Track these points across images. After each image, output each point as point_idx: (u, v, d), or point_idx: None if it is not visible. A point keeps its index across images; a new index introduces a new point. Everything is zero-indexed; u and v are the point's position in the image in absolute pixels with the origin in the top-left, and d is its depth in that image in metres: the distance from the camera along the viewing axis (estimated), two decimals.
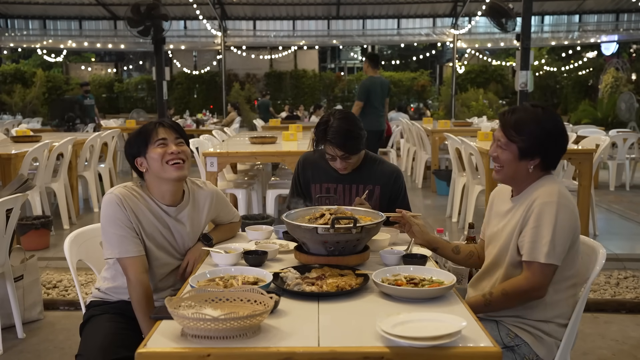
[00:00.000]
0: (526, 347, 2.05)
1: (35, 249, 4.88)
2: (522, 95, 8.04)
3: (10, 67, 21.06)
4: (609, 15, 17.70)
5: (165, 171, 2.24)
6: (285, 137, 6.01)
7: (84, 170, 6.60)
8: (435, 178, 7.78)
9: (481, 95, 14.70)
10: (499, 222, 2.20)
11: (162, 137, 2.26)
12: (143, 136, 2.27)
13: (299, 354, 1.47)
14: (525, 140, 2.07)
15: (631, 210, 6.70)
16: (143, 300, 2.15)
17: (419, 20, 18.16)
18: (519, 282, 2.03)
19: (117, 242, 2.17)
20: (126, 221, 2.19)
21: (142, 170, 2.29)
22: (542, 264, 1.97)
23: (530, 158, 2.09)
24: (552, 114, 2.12)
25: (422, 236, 2.26)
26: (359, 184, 2.76)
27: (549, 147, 2.09)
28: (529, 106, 2.14)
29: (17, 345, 3.40)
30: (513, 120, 2.10)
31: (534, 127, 2.07)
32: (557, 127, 2.09)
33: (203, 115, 14.81)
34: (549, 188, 2.05)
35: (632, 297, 4.09)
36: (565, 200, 2.02)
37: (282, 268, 2.04)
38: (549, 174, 2.15)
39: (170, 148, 2.26)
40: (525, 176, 2.12)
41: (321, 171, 2.83)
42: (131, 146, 2.30)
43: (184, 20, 18.32)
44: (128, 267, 2.18)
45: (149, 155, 2.25)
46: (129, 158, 2.32)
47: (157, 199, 2.30)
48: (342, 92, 21.66)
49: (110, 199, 2.20)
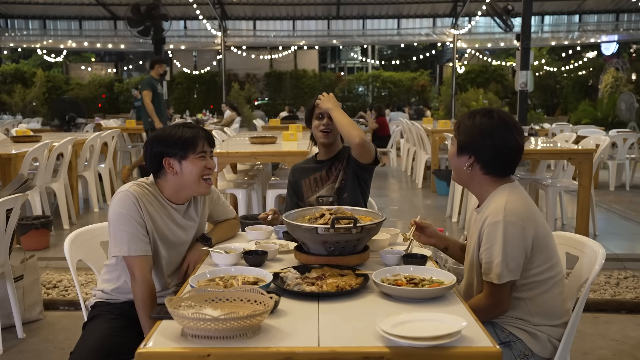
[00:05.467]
0: (521, 343, 2.06)
1: (35, 249, 4.88)
2: (522, 95, 8.06)
3: (10, 67, 21.08)
4: (609, 15, 17.73)
5: (199, 186, 2.28)
6: (285, 137, 6.00)
7: (84, 170, 6.60)
8: (435, 178, 7.78)
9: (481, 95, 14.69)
10: (471, 233, 2.22)
11: (204, 150, 2.28)
12: (188, 142, 2.24)
13: (299, 354, 1.47)
14: (460, 135, 2.12)
15: (631, 210, 6.70)
16: (148, 299, 2.16)
17: (419, 20, 18.19)
18: (480, 301, 2.08)
19: (128, 239, 2.17)
20: (139, 220, 2.19)
21: (168, 171, 2.26)
22: (496, 284, 2.01)
23: (465, 155, 2.11)
24: (492, 117, 2.08)
25: (436, 236, 2.36)
26: (335, 163, 3.02)
27: (481, 145, 2.08)
28: (479, 109, 2.17)
29: (17, 345, 3.40)
30: (460, 117, 2.19)
31: (467, 122, 2.11)
32: (490, 129, 2.07)
33: (203, 115, 14.81)
34: (497, 204, 2.04)
35: (632, 297, 4.09)
36: (512, 217, 2.00)
37: (282, 268, 2.04)
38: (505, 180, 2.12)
39: (209, 163, 2.29)
40: (468, 177, 2.14)
41: (307, 169, 3.12)
42: (167, 145, 2.25)
43: (184, 20, 18.35)
44: (135, 265, 2.17)
45: (186, 163, 2.24)
46: (155, 151, 2.26)
47: (167, 198, 2.31)
48: (342, 92, 21.66)
49: (126, 196, 2.19)
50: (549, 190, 5.42)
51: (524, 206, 2.06)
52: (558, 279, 2.12)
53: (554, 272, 2.10)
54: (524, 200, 2.08)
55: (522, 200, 2.08)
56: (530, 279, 2.07)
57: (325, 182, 3.01)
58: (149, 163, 2.31)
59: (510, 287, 2.05)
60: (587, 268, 2.18)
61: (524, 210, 2.04)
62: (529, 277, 2.06)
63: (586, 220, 5.19)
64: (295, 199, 3.11)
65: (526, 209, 2.05)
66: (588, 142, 5.93)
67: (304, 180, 3.07)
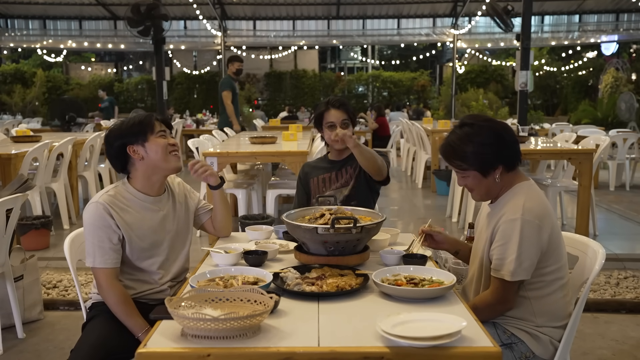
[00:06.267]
0: (523, 345, 2.06)
1: (35, 249, 4.88)
2: (522, 95, 8.06)
3: (10, 67, 21.07)
4: (609, 15, 17.72)
5: (168, 161, 2.30)
6: (285, 137, 6.00)
7: (84, 170, 6.60)
8: (435, 178, 7.78)
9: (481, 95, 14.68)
10: (481, 229, 2.22)
11: (163, 129, 2.33)
12: (144, 126, 2.29)
13: (299, 354, 1.47)
14: (474, 162, 2.09)
15: (631, 210, 6.70)
16: (120, 302, 2.18)
17: (419, 20, 18.18)
18: (486, 296, 2.09)
19: (93, 251, 2.21)
20: (109, 231, 2.20)
21: (135, 158, 2.28)
22: (507, 281, 2.01)
23: (492, 170, 2.10)
24: (480, 125, 2.10)
25: (447, 241, 2.37)
26: (347, 167, 3.07)
27: (499, 153, 2.09)
28: (458, 129, 2.14)
29: (17, 345, 3.40)
30: (451, 152, 2.13)
31: (472, 148, 2.08)
32: (492, 134, 2.09)
33: (203, 115, 14.81)
34: (515, 202, 2.05)
35: (632, 297, 4.09)
36: (529, 215, 2.01)
37: (282, 268, 2.04)
38: (521, 178, 2.15)
39: (170, 140, 2.34)
40: (498, 187, 2.14)
41: (317, 168, 3.17)
42: (124, 134, 2.28)
43: (184, 20, 18.33)
44: (99, 275, 2.21)
45: (149, 144, 2.28)
46: (115, 145, 2.29)
47: (143, 192, 2.32)
48: (342, 92, 21.67)
49: (95, 208, 2.21)
50: (549, 190, 5.42)
51: (542, 205, 2.07)
52: (564, 282, 2.12)
53: (561, 273, 2.10)
54: (541, 199, 2.10)
55: (539, 199, 2.09)
56: (538, 278, 2.07)
57: (333, 184, 3.05)
58: (114, 161, 2.33)
59: (518, 286, 2.05)
60: (587, 268, 2.18)
61: (542, 209, 2.05)
62: (538, 277, 2.06)
63: (586, 220, 5.19)
64: (304, 195, 3.16)
65: (543, 209, 2.06)
66: (588, 142, 5.92)
67: (313, 178, 3.12)
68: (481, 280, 2.17)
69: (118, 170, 2.37)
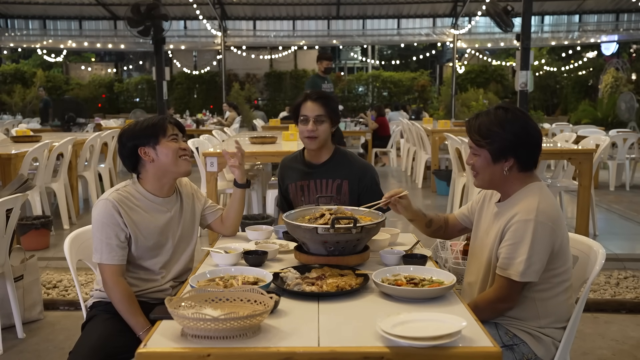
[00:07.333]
0: (525, 346, 2.06)
1: (35, 249, 4.88)
2: (522, 95, 8.05)
3: (10, 67, 21.07)
4: (609, 15, 17.71)
5: (178, 165, 2.32)
6: (285, 137, 6.00)
7: (84, 170, 6.60)
8: (435, 178, 7.78)
9: (481, 95, 14.71)
10: (487, 227, 2.21)
11: (175, 133, 2.35)
12: (156, 128, 2.30)
13: (299, 354, 1.47)
14: (493, 143, 2.07)
15: (631, 210, 6.70)
16: (124, 299, 2.19)
17: (419, 20, 18.17)
18: (488, 294, 2.08)
19: (101, 247, 2.22)
20: (116, 228, 2.22)
21: (146, 159, 2.30)
22: (513, 280, 2.00)
23: (503, 160, 2.08)
24: (516, 113, 2.10)
25: (405, 211, 2.36)
26: (328, 179, 2.83)
27: (518, 147, 2.08)
28: (493, 109, 2.14)
29: (17, 345, 3.40)
30: (477, 125, 2.11)
31: (498, 129, 2.07)
32: (524, 126, 2.08)
33: (203, 115, 14.81)
34: (529, 203, 2.04)
35: (632, 297, 4.09)
36: (543, 217, 2.00)
37: (282, 268, 2.04)
38: (533, 178, 2.14)
39: (182, 144, 2.35)
40: (503, 179, 2.12)
41: (295, 171, 2.94)
42: (137, 135, 2.31)
43: (184, 20, 18.33)
44: (106, 272, 2.23)
45: (160, 147, 2.29)
46: (128, 146, 2.31)
47: (152, 192, 2.34)
48: (342, 92, 21.65)
49: (105, 204, 2.23)
50: (549, 190, 5.42)
51: (555, 207, 2.07)
52: (569, 285, 2.12)
53: (568, 275, 2.10)
54: (553, 201, 2.09)
55: (552, 201, 2.09)
56: (546, 280, 2.06)
57: (312, 194, 2.83)
58: (126, 160, 2.36)
59: (522, 287, 2.05)
60: (587, 268, 2.18)
61: (555, 212, 2.05)
62: (546, 279, 2.06)
63: (586, 220, 5.19)
64: (285, 206, 2.95)
65: (556, 211, 2.06)
66: (588, 142, 5.92)
67: (291, 184, 2.93)
68: (487, 280, 2.16)
69: (129, 170, 2.39)
